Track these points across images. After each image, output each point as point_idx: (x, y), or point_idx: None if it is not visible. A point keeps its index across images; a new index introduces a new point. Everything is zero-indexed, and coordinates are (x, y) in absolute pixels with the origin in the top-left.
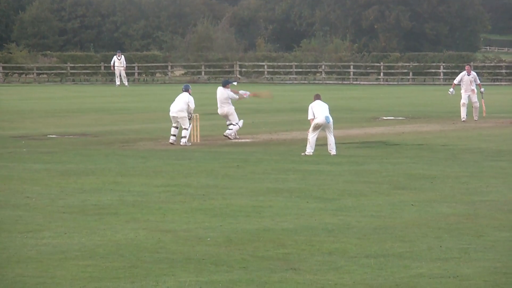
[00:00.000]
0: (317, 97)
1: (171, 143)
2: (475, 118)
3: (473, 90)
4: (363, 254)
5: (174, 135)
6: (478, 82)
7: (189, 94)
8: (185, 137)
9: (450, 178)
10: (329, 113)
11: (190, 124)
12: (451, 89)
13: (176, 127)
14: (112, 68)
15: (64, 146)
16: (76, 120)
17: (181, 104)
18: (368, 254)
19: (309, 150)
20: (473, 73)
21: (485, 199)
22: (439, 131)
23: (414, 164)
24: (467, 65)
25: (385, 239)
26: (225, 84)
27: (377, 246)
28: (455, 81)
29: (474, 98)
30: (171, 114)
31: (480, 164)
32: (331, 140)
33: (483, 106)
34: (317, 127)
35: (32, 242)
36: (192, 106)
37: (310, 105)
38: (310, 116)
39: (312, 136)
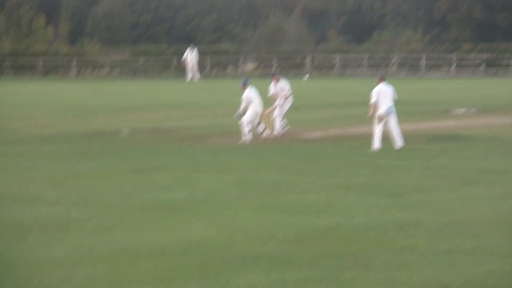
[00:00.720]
0: (382, 78)
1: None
2: None
3: None
4: (433, 251)
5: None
6: None
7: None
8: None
9: None
10: (395, 99)
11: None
12: None
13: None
14: (183, 63)
15: (136, 142)
16: (148, 116)
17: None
18: (438, 250)
19: (377, 145)
20: None
21: None
22: (511, 123)
23: (486, 158)
24: None
25: (455, 235)
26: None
27: (448, 242)
28: None
29: None
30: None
31: None
32: (396, 131)
33: None
34: (381, 118)
35: (104, 240)
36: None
37: (375, 89)
38: (374, 99)
39: (378, 130)
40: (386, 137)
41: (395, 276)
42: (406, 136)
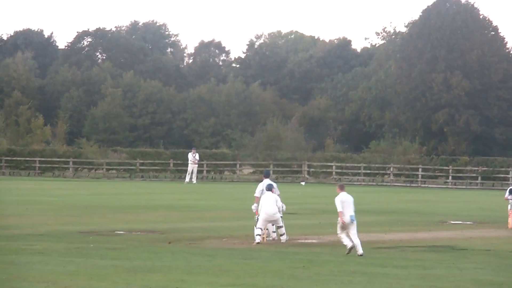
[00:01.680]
0: (341, 188)
1: (266, 240)
2: None
3: None
4: None
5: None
6: None
7: (273, 192)
8: (284, 234)
9: None
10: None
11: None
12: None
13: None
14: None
15: (131, 242)
16: (144, 217)
17: (274, 205)
18: None
19: (348, 243)
20: None
21: None
22: (507, 237)
23: (481, 270)
24: None
25: None
26: (271, 189)
27: None
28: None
29: None
30: (268, 218)
31: None
32: (356, 240)
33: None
34: (343, 227)
35: None
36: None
37: (338, 198)
38: (339, 209)
39: (343, 236)
40: (382, 247)
41: None
42: (402, 245)
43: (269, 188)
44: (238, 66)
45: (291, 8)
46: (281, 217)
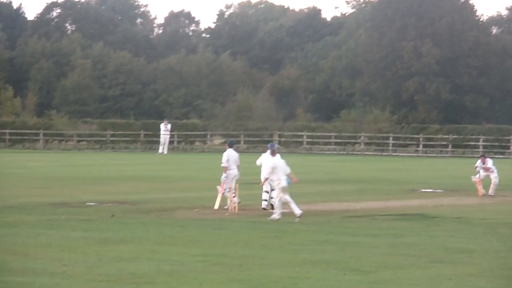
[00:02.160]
0: (273, 153)
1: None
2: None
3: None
4: None
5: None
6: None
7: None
8: (266, 200)
9: (488, 252)
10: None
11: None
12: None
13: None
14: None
15: (102, 213)
16: (115, 188)
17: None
18: None
19: (278, 215)
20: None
21: None
22: (477, 204)
23: (452, 238)
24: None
25: None
26: (274, 147)
27: None
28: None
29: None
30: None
31: None
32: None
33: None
34: (283, 190)
35: None
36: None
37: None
38: (267, 175)
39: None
40: (354, 216)
41: None
42: (373, 214)
43: (272, 147)
44: (208, 36)
45: None
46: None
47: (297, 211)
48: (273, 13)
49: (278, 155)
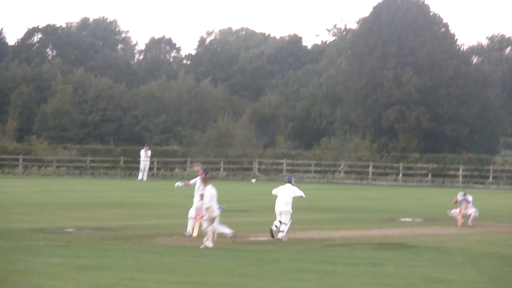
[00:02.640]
0: (206, 181)
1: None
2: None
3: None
4: None
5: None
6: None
7: (292, 185)
8: (283, 231)
9: (467, 282)
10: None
11: (290, 219)
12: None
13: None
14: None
15: (81, 240)
16: (94, 214)
17: (289, 198)
18: None
19: (227, 229)
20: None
21: None
22: (457, 234)
23: (431, 267)
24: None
25: None
26: (290, 181)
27: None
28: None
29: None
30: (278, 209)
31: (498, 269)
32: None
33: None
34: (212, 220)
35: None
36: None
37: (209, 193)
38: (209, 204)
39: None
40: (333, 244)
41: None
42: (352, 243)
43: (289, 180)
44: (189, 62)
45: (241, 5)
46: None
47: (228, 231)
48: (254, 40)
49: (287, 185)
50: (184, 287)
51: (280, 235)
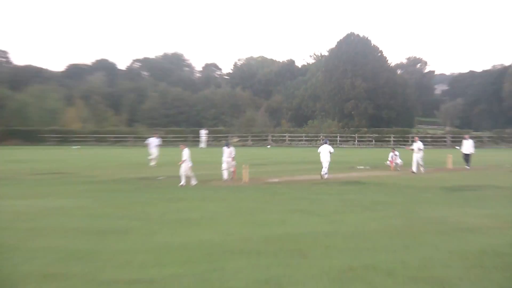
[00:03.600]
0: (185, 146)
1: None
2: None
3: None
4: (344, 247)
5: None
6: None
7: (328, 144)
8: (326, 173)
9: (396, 203)
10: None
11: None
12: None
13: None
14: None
15: (169, 183)
16: (176, 168)
17: (327, 153)
18: (343, 248)
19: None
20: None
21: (419, 216)
22: (390, 175)
23: (376, 194)
24: (416, 136)
25: (357, 240)
26: (326, 142)
27: (352, 243)
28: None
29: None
30: (322, 159)
31: (414, 194)
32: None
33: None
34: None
35: (152, 239)
36: (332, 150)
37: (187, 153)
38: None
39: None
40: (317, 183)
41: (324, 263)
42: (329, 182)
43: (325, 142)
44: (227, 77)
45: (258, 41)
46: (328, 162)
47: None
48: (266, 62)
49: (325, 145)
50: (230, 210)
51: (325, 176)
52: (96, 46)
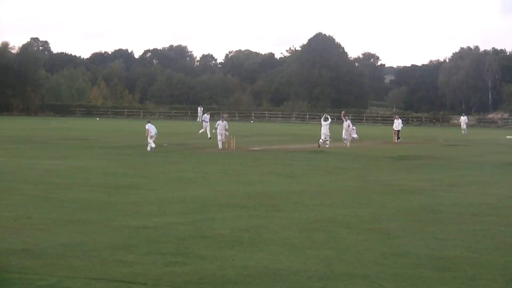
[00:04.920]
0: (149, 122)
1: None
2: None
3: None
4: (310, 203)
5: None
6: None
7: (329, 118)
8: (328, 144)
9: (353, 168)
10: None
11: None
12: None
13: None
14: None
15: (171, 149)
16: (178, 138)
17: (327, 125)
18: (315, 203)
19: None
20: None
21: (370, 179)
22: (349, 146)
23: (337, 161)
24: (346, 114)
25: (320, 198)
26: (326, 119)
27: (317, 200)
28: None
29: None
30: (323, 132)
31: (368, 162)
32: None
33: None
34: (152, 137)
35: (155, 194)
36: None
37: (148, 126)
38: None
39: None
40: (289, 151)
41: (294, 215)
42: (298, 150)
43: (326, 119)
44: (220, 66)
45: (246, 36)
46: (329, 135)
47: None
48: (252, 55)
49: (327, 120)
50: (220, 171)
51: (327, 145)
52: (116, 37)
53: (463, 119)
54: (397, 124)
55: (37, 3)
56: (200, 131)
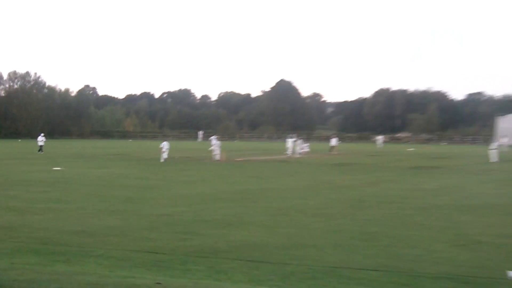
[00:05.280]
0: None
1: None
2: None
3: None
4: (277, 197)
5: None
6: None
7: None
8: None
9: (306, 172)
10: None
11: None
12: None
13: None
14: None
15: (179, 161)
16: (182, 153)
17: (292, 142)
18: (276, 197)
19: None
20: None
21: (318, 179)
22: (305, 157)
23: (296, 168)
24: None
25: (283, 193)
26: (292, 138)
27: (281, 194)
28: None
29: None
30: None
31: (316, 168)
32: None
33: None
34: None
35: (170, 192)
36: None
37: (163, 144)
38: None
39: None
40: (261, 162)
41: (266, 205)
42: (263, 161)
43: (292, 137)
44: (214, 103)
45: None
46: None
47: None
48: (235, 94)
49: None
50: (214, 175)
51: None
52: (141, 83)
53: (380, 138)
54: (334, 141)
55: (88, 58)
56: (210, 148)
